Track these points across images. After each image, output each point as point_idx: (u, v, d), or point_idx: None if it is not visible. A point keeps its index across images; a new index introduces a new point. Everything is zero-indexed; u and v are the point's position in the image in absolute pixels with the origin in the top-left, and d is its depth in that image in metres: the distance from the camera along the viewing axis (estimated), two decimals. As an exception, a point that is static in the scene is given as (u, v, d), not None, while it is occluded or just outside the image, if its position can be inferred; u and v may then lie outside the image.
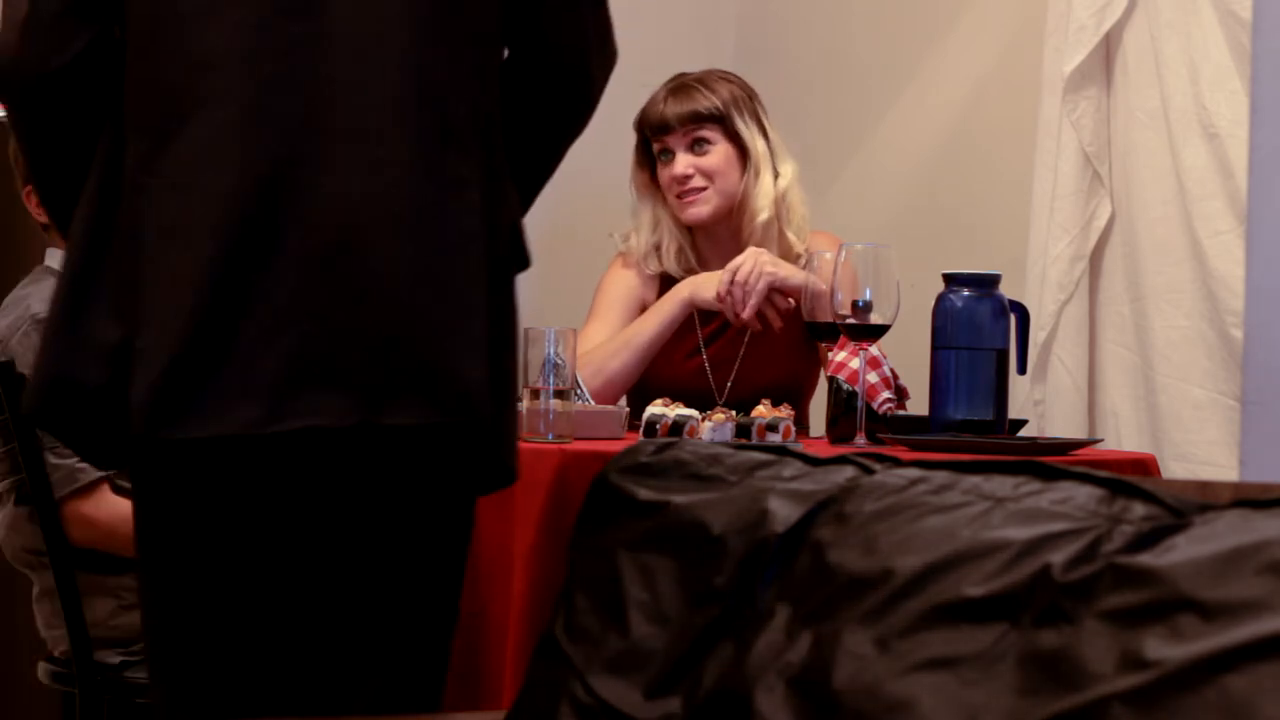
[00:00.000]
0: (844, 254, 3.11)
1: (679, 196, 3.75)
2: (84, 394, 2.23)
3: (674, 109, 3.75)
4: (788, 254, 3.74)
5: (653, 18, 4.72)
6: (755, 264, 3.58)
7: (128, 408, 2.20)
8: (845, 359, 3.21)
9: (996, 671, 1.44)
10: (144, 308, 2.20)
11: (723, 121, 3.74)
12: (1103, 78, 4.24)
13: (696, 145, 3.75)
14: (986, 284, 3.20)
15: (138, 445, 2.25)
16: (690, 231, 3.83)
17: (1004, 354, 3.19)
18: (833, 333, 3.21)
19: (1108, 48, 4.23)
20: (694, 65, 3.93)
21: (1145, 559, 1.38)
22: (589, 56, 2.41)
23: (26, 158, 2.42)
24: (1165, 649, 1.31)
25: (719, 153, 3.75)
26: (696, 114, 3.74)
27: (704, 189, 3.74)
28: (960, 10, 4.69)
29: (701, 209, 3.75)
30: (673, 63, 3.94)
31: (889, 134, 4.81)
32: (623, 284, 3.83)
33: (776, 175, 3.76)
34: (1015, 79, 4.52)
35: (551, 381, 2.99)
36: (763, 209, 3.73)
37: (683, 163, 3.75)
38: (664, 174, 3.78)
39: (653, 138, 3.79)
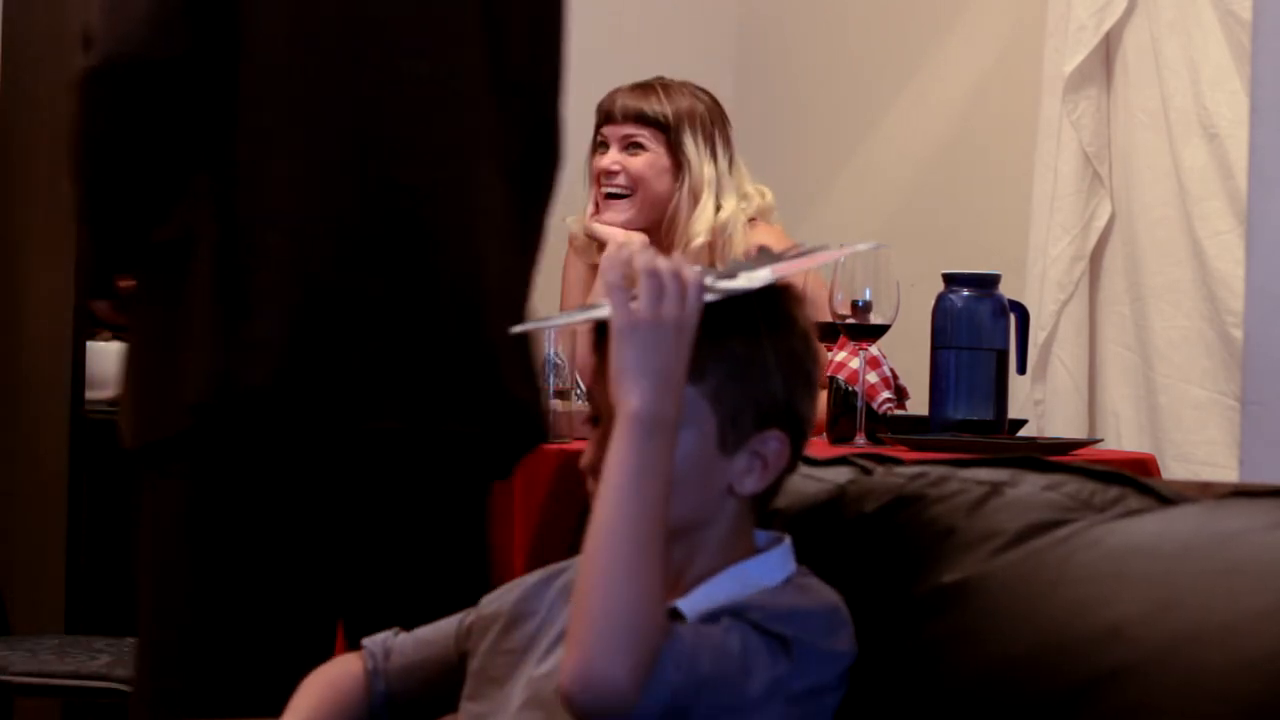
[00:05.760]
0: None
1: (603, 193, 3.68)
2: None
3: (624, 101, 3.67)
4: None
5: (653, 18, 4.72)
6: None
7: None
8: (845, 359, 3.20)
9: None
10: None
11: (667, 131, 3.64)
12: (1103, 78, 4.24)
13: (631, 146, 3.66)
14: (986, 284, 3.20)
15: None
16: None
17: (1004, 354, 3.19)
18: (833, 333, 3.20)
19: (1108, 48, 4.22)
20: (694, 65, 3.91)
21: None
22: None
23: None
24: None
25: (649, 159, 3.65)
26: (641, 114, 3.65)
27: (626, 196, 3.65)
28: (960, 10, 4.69)
29: (615, 216, 3.66)
30: (672, 63, 3.91)
31: (889, 134, 4.81)
32: (573, 272, 3.79)
33: (719, 208, 3.66)
34: (1015, 79, 4.52)
35: (552, 381, 2.99)
36: (699, 234, 3.62)
37: (610, 158, 3.66)
38: (595, 163, 3.70)
39: (598, 125, 3.72)
